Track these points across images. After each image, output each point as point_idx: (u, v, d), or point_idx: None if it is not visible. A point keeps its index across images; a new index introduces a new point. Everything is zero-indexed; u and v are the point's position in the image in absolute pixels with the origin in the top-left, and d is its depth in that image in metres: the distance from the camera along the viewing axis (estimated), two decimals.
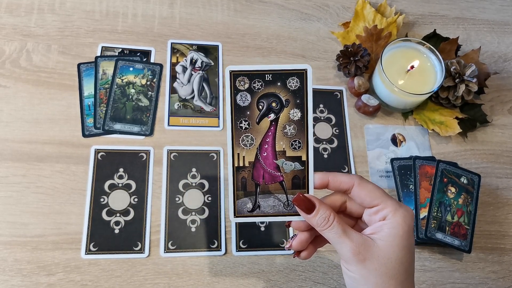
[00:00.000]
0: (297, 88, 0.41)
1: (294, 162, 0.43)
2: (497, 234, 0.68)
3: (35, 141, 0.64)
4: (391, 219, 0.40)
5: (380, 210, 0.41)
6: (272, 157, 0.42)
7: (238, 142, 0.42)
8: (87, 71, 0.69)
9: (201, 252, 0.60)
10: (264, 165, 0.43)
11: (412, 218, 0.40)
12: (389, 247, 0.39)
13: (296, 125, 0.42)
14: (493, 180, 0.71)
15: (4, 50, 0.69)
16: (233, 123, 0.41)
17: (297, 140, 0.42)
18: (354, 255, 0.39)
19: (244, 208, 0.43)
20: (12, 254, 0.57)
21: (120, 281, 0.57)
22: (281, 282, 0.60)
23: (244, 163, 0.42)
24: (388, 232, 0.39)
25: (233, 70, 0.40)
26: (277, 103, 0.42)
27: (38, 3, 0.73)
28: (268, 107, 0.42)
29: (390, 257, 0.39)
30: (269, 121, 0.42)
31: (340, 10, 0.82)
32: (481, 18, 0.86)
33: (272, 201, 0.43)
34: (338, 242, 0.40)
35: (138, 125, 0.67)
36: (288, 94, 0.41)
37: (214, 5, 0.78)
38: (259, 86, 0.41)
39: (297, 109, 0.42)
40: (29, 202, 0.60)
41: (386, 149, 0.71)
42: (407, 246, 0.39)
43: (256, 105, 0.41)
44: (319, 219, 0.40)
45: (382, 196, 0.41)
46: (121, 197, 0.62)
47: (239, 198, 0.43)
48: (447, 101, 0.73)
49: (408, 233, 0.40)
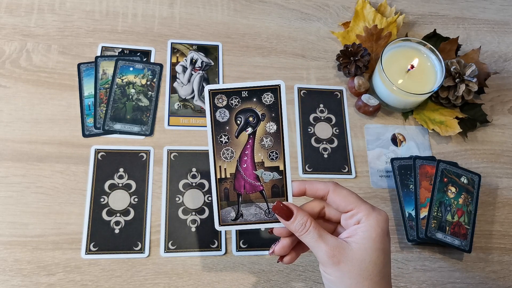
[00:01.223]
0: (271, 103, 0.45)
1: (273, 172, 0.45)
2: (497, 234, 0.68)
3: (35, 141, 0.64)
4: (365, 223, 0.42)
5: (355, 214, 0.43)
6: (252, 168, 0.45)
7: (219, 155, 0.45)
8: (87, 71, 0.69)
9: (201, 252, 0.60)
10: (245, 175, 0.46)
11: (385, 222, 0.42)
12: (362, 249, 0.41)
13: (273, 137, 0.45)
14: (493, 180, 0.71)
15: (4, 50, 0.69)
16: (213, 138, 0.45)
17: (274, 151, 0.45)
18: (329, 258, 0.41)
19: (228, 217, 0.46)
20: (12, 254, 0.57)
21: (120, 281, 0.57)
22: (281, 282, 0.60)
23: (226, 175, 0.45)
24: (362, 235, 0.41)
25: (212, 89, 0.44)
26: (254, 117, 0.45)
27: (38, 3, 0.73)
28: (246, 121, 0.45)
29: (364, 259, 0.41)
30: (247, 134, 0.45)
31: (340, 10, 0.82)
32: (481, 18, 0.86)
33: (254, 210, 0.46)
34: (314, 246, 0.42)
35: (138, 125, 0.67)
36: (263, 108, 0.45)
37: (214, 5, 0.78)
38: (236, 102, 0.44)
39: (273, 122, 0.45)
40: (29, 202, 0.60)
41: (386, 149, 0.71)
42: (381, 248, 0.41)
43: (234, 120, 0.45)
44: (297, 225, 0.43)
45: (356, 201, 0.43)
46: (121, 197, 0.62)
47: (223, 208, 0.46)
48: (447, 101, 0.73)
49: (382, 235, 0.41)
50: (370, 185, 0.68)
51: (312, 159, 0.68)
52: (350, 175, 0.68)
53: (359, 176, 0.69)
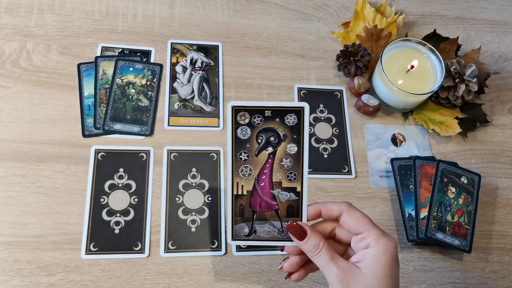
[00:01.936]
0: (294, 124, 0.44)
1: (290, 193, 0.46)
2: (497, 234, 0.68)
3: (35, 141, 0.64)
4: (374, 248, 0.42)
5: (365, 238, 0.43)
6: (269, 187, 0.46)
7: (238, 172, 0.45)
8: (87, 71, 0.69)
9: (201, 252, 0.60)
10: (261, 194, 0.46)
11: (394, 248, 0.42)
12: (371, 275, 0.41)
13: (293, 159, 0.45)
14: (493, 180, 0.71)
15: (4, 50, 0.69)
16: (233, 155, 0.45)
17: (293, 173, 0.46)
18: (339, 281, 0.41)
19: (241, 232, 0.47)
20: (12, 254, 0.57)
21: (120, 281, 0.57)
22: (281, 282, 0.60)
23: (243, 192, 0.46)
24: (371, 260, 0.42)
25: (235, 105, 0.44)
26: (275, 137, 0.45)
27: (38, 3, 0.73)
28: (267, 141, 0.45)
29: (373, 285, 0.41)
30: (267, 153, 0.45)
31: (340, 10, 0.82)
32: (481, 18, 0.86)
33: (268, 227, 0.47)
34: (325, 268, 0.43)
35: (138, 125, 0.67)
36: (285, 129, 0.45)
37: (214, 5, 0.78)
38: (258, 121, 0.44)
39: (294, 144, 0.45)
40: (29, 202, 0.60)
41: (386, 149, 0.71)
42: (389, 275, 0.41)
43: (255, 139, 0.45)
44: (310, 245, 0.43)
45: (367, 224, 0.43)
46: (121, 197, 0.62)
47: (237, 223, 0.47)
48: (447, 101, 0.73)
49: (391, 262, 0.42)
50: (370, 185, 0.68)
51: (312, 159, 0.68)
52: (350, 175, 0.68)
53: (359, 176, 0.69)
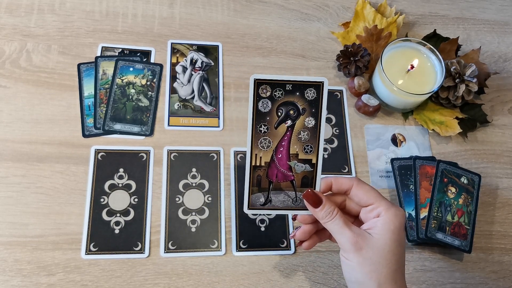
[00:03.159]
0: (313, 99, 0.46)
1: (305, 164, 0.48)
2: (497, 234, 0.68)
3: (35, 142, 0.64)
4: (384, 216, 0.45)
5: (375, 208, 0.46)
6: (286, 158, 0.47)
7: (257, 144, 0.47)
8: (87, 71, 0.69)
9: (201, 252, 0.60)
10: (278, 165, 0.48)
11: (403, 217, 0.46)
12: (382, 239, 0.44)
13: (310, 132, 0.47)
14: (493, 180, 0.71)
15: (4, 50, 0.69)
16: (253, 127, 0.46)
17: (310, 145, 0.47)
18: (352, 244, 0.44)
19: (257, 202, 0.48)
20: (12, 254, 0.57)
21: (120, 281, 0.57)
22: (281, 282, 0.60)
23: (261, 163, 0.47)
24: (381, 227, 0.45)
25: (257, 78, 0.45)
26: (295, 111, 0.46)
27: (38, 3, 0.73)
28: (286, 114, 0.46)
29: (383, 248, 0.44)
30: (286, 126, 0.47)
31: (340, 10, 0.82)
32: (481, 18, 0.86)
33: (283, 197, 0.48)
34: (339, 232, 0.45)
35: (138, 125, 0.67)
36: (305, 103, 0.46)
37: (214, 5, 0.78)
38: (279, 94, 0.45)
39: (312, 117, 0.47)
40: (29, 202, 0.60)
41: (386, 149, 0.71)
42: (398, 240, 0.45)
43: (275, 112, 0.46)
44: (325, 212, 0.46)
45: (377, 196, 0.47)
46: (121, 197, 0.62)
47: (254, 193, 0.48)
48: (447, 101, 0.73)
49: (399, 228, 0.45)
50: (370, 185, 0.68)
51: None
52: (350, 175, 0.68)
53: (359, 176, 0.69)
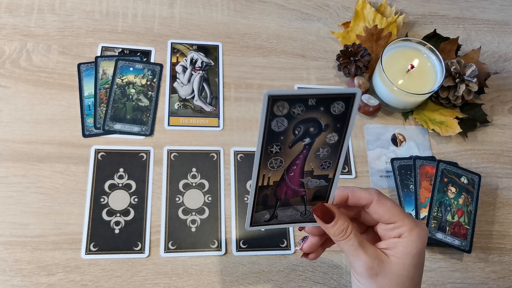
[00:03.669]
0: (340, 113, 0.37)
1: (320, 180, 0.41)
2: (497, 234, 0.68)
3: (35, 141, 0.64)
4: (407, 238, 0.40)
5: (397, 227, 0.41)
6: (299, 176, 0.41)
7: (266, 165, 0.39)
8: (87, 71, 0.69)
9: (201, 252, 0.60)
10: (289, 183, 0.41)
11: (426, 237, 0.41)
12: (401, 264, 0.40)
13: (330, 148, 0.39)
14: (493, 180, 0.71)
15: (4, 50, 0.69)
16: (262, 148, 0.38)
17: (328, 161, 0.40)
18: (367, 270, 0.40)
19: (261, 219, 0.43)
20: (12, 254, 0.57)
21: (120, 281, 0.57)
22: (281, 282, 0.60)
23: (269, 183, 0.41)
24: (403, 250, 0.40)
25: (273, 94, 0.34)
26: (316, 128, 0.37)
27: (38, 3, 0.73)
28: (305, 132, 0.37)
29: (401, 274, 0.40)
30: (303, 145, 0.38)
31: (340, 10, 0.82)
32: (481, 18, 0.86)
33: (290, 212, 0.43)
34: (353, 254, 0.41)
35: (138, 125, 0.67)
36: (329, 119, 0.37)
37: (214, 5, 0.78)
38: (299, 111, 0.36)
39: (335, 133, 0.38)
40: (29, 202, 0.60)
41: (386, 149, 0.71)
42: (419, 265, 0.41)
43: (292, 131, 0.37)
44: (338, 230, 0.41)
45: (400, 214, 0.41)
46: (121, 197, 0.62)
47: (258, 211, 0.42)
48: (447, 101, 0.73)
49: (421, 251, 0.40)
50: (370, 185, 0.68)
51: None
52: (350, 175, 0.68)
53: (359, 176, 0.69)
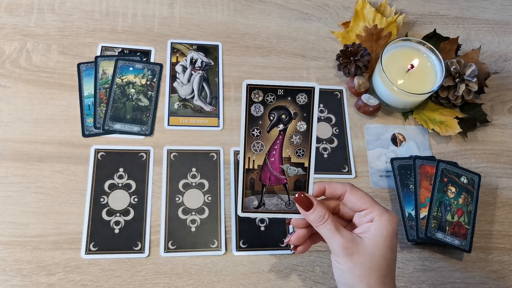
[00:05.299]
0: (304, 103, 0.47)
1: (298, 168, 0.48)
2: (497, 234, 0.68)
3: (35, 141, 0.64)
4: (377, 221, 0.45)
5: (369, 213, 0.46)
6: (279, 162, 0.48)
7: (250, 147, 0.48)
8: (87, 71, 0.69)
9: (201, 252, 0.60)
10: (271, 168, 0.49)
11: (396, 222, 0.46)
12: (374, 245, 0.45)
13: (302, 136, 0.48)
14: (493, 179, 0.71)
15: (4, 50, 0.69)
16: (246, 131, 0.48)
17: (302, 149, 0.48)
18: (343, 249, 0.44)
19: (250, 205, 0.49)
20: (12, 254, 0.57)
21: (120, 281, 0.58)
22: (281, 282, 0.60)
23: (254, 166, 0.48)
24: (374, 232, 0.45)
25: (250, 83, 0.46)
26: (287, 115, 0.48)
27: (38, 3, 0.73)
28: (278, 118, 0.48)
29: (374, 253, 0.44)
30: (278, 130, 0.48)
31: (340, 9, 0.82)
32: (481, 17, 0.86)
33: (276, 200, 0.49)
34: (330, 237, 0.46)
35: (138, 125, 0.67)
36: (296, 108, 0.47)
37: (214, 5, 0.78)
38: (271, 99, 0.47)
39: (304, 122, 0.48)
40: (29, 202, 0.60)
41: (386, 149, 0.71)
42: (390, 246, 0.45)
43: (267, 116, 0.47)
44: (316, 216, 0.46)
45: (370, 201, 0.47)
46: (121, 197, 0.62)
47: (247, 196, 0.49)
48: (447, 100, 0.73)
49: (392, 234, 0.45)
50: (370, 185, 0.68)
51: None
52: (350, 175, 0.68)
53: (359, 176, 0.69)
